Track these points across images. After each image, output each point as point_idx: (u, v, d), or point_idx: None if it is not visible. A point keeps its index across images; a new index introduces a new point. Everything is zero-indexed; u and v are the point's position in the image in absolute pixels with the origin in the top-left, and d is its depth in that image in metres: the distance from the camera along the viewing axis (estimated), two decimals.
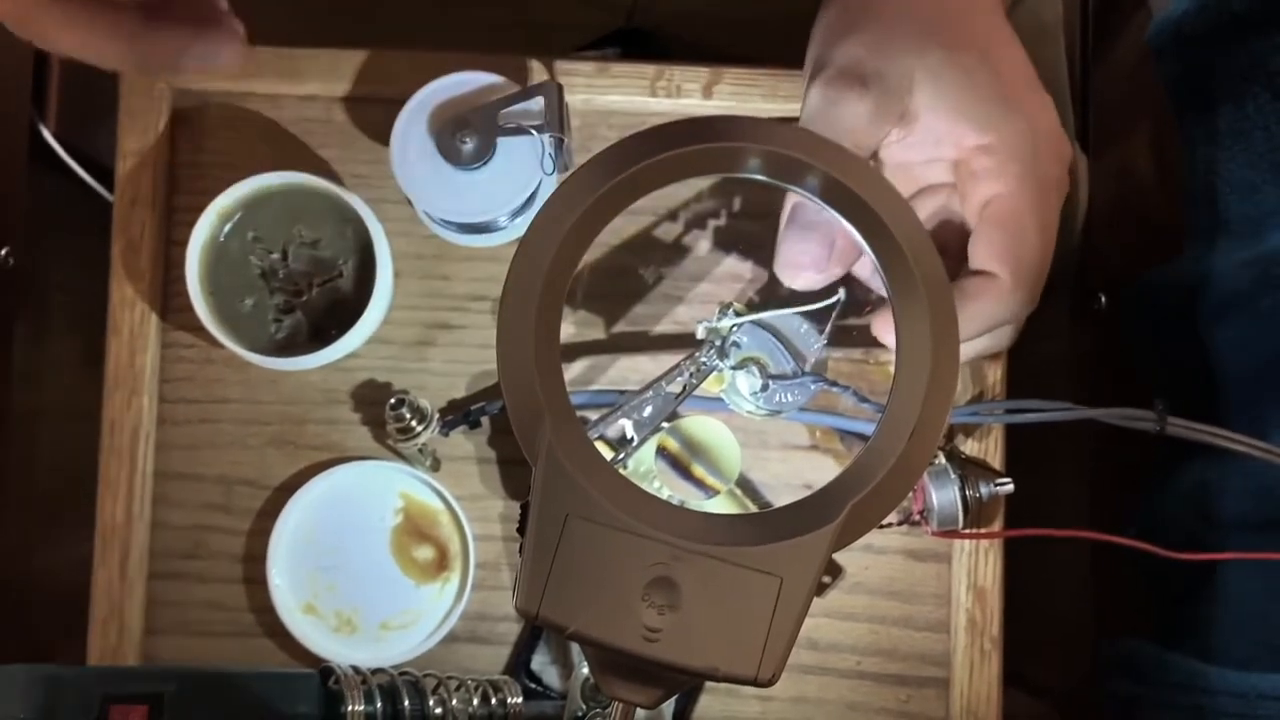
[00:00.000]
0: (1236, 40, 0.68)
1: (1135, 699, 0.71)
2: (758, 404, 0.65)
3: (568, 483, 0.49)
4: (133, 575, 0.69)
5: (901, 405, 0.51)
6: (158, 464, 0.69)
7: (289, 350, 0.67)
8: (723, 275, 0.70)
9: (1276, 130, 0.68)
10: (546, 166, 0.65)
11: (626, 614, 0.48)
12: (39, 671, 0.50)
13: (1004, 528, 0.69)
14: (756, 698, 0.69)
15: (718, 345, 0.64)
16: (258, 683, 0.53)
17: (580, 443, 0.50)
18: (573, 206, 0.52)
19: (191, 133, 0.70)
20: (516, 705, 0.65)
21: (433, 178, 0.65)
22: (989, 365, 0.70)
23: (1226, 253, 0.70)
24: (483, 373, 0.70)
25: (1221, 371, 0.72)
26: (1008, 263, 0.57)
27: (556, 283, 0.51)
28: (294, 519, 0.68)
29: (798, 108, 0.60)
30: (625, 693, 0.51)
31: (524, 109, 0.64)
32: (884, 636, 0.70)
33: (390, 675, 0.60)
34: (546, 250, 0.51)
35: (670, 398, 0.62)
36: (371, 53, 0.70)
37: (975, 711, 0.69)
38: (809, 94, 0.56)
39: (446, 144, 0.64)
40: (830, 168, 0.53)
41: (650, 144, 0.53)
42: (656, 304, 0.70)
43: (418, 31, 0.81)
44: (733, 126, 0.54)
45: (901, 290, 0.52)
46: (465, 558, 0.68)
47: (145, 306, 0.69)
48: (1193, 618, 0.71)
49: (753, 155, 0.54)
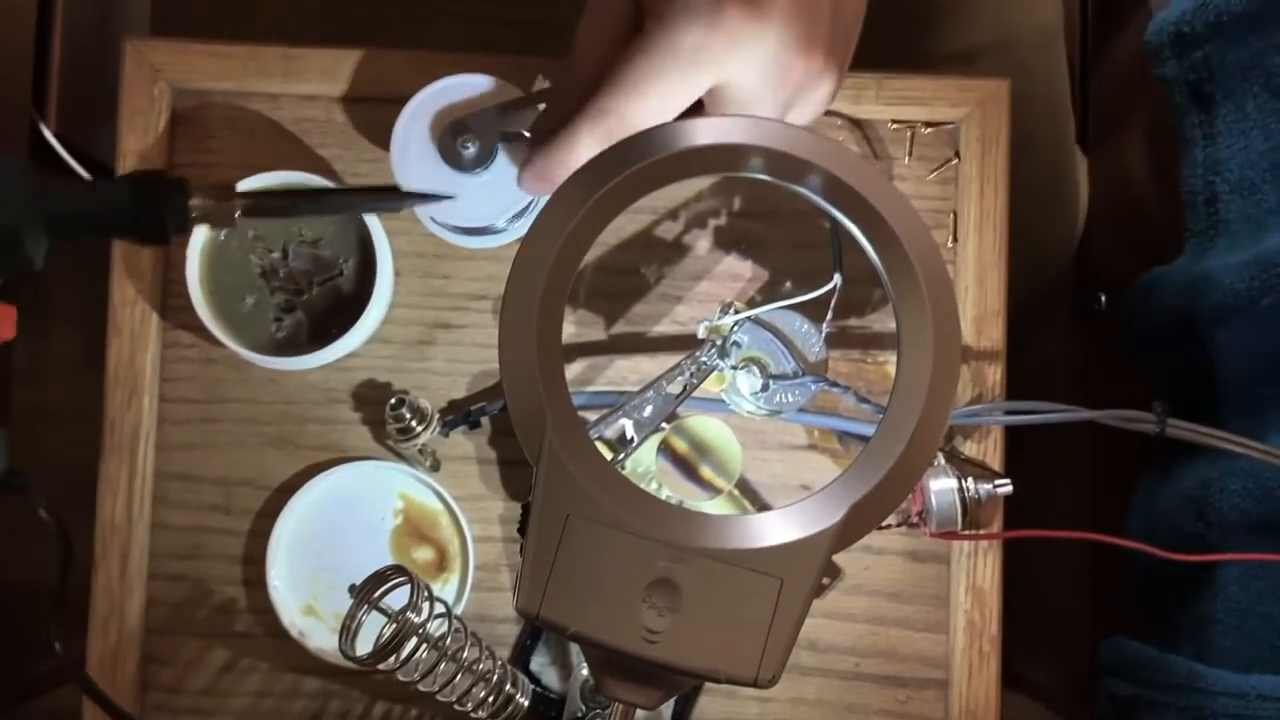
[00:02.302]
0: (1236, 40, 0.68)
1: (1134, 700, 0.71)
2: (758, 404, 0.65)
3: (569, 483, 0.49)
4: (133, 575, 0.69)
5: (902, 406, 0.51)
6: (158, 464, 0.69)
7: (289, 350, 0.67)
8: (723, 274, 0.70)
9: (1276, 130, 0.68)
10: None
11: (627, 615, 0.48)
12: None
13: (1003, 529, 0.69)
14: (755, 699, 0.69)
15: (718, 345, 0.64)
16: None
17: (582, 443, 0.50)
18: (575, 206, 0.52)
19: (191, 133, 0.70)
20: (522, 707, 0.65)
21: (434, 182, 0.65)
22: (989, 366, 0.70)
23: (1226, 253, 0.70)
24: (483, 373, 0.70)
25: (1221, 372, 0.72)
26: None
27: (558, 283, 0.51)
28: (293, 519, 0.68)
29: None
30: (625, 693, 0.51)
31: (524, 114, 0.64)
32: (883, 637, 0.70)
33: (449, 610, 0.62)
34: (549, 250, 0.51)
35: (670, 398, 0.62)
36: (371, 53, 0.70)
37: (974, 712, 0.69)
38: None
39: (448, 148, 0.64)
40: (831, 167, 0.53)
41: (651, 144, 0.53)
42: (656, 304, 0.70)
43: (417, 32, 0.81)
44: (733, 126, 0.54)
45: (902, 290, 0.52)
46: (465, 559, 0.68)
47: (145, 306, 0.69)
48: (1192, 618, 0.71)
49: (753, 154, 0.54)
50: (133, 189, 0.54)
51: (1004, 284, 0.70)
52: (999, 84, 0.71)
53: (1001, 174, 0.70)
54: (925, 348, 0.51)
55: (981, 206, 0.70)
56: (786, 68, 0.55)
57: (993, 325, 0.70)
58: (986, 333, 0.70)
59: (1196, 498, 0.70)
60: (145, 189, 0.55)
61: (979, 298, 0.70)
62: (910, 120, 0.71)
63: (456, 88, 0.66)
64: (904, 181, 0.71)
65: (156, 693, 0.69)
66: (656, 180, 0.53)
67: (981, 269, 0.70)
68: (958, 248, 0.70)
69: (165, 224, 0.55)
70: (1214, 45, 0.68)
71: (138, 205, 0.54)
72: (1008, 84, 0.71)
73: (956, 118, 0.71)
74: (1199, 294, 0.69)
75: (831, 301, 0.64)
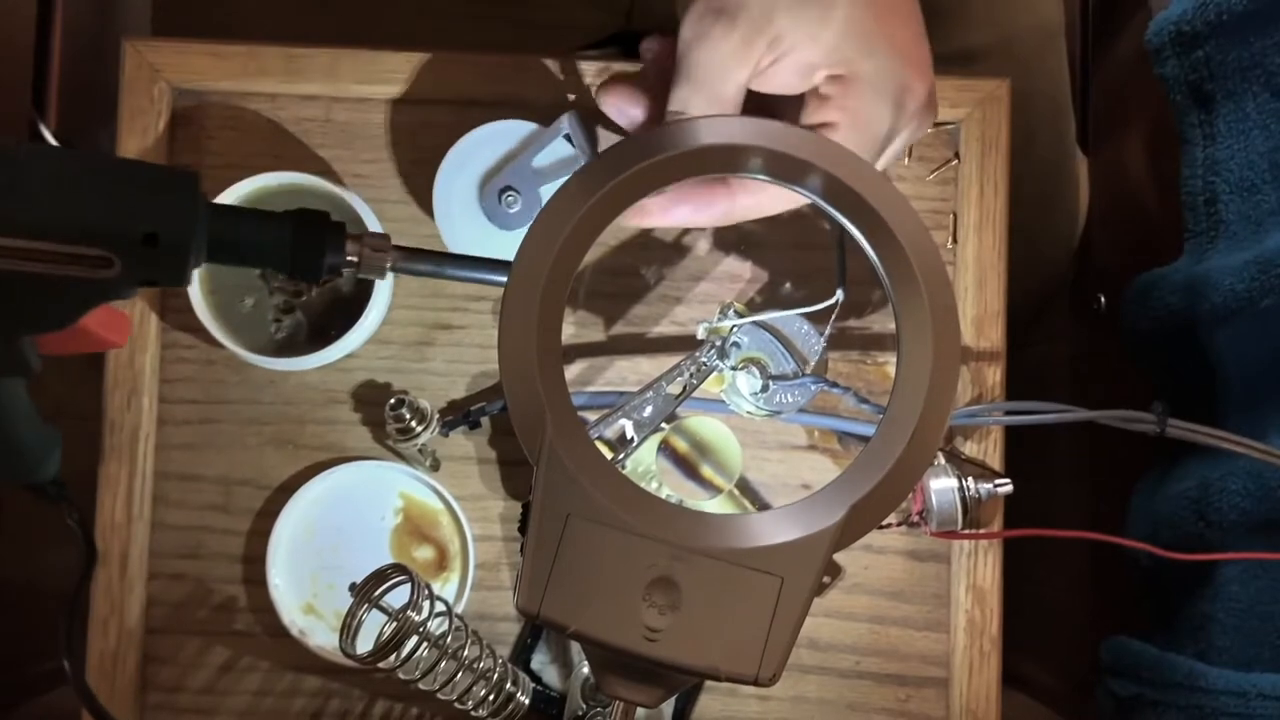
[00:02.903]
0: (1236, 39, 0.68)
1: (1135, 699, 0.71)
2: (758, 404, 0.65)
3: (569, 483, 0.49)
4: (133, 575, 0.69)
5: (902, 407, 0.51)
6: (157, 464, 0.69)
7: (289, 350, 0.67)
8: (722, 275, 0.70)
9: (1276, 130, 0.68)
10: None
11: (627, 613, 0.48)
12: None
13: (1003, 528, 0.69)
14: (756, 697, 0.69)
15: (718, 345, 0.64)
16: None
17: (582, 443, 0.50)
18: (574, 207, 0.52)
19: (191, 133, 0.70)
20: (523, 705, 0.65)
21: (483, 242, 0.67)
22: (989, 366, 0.70)
23: (1226, 253, 0.70)
24: (482, 373, 0.70)
25: (1221, 372, 0.72)
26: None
27: (558, 283, 0.51)
28: (294, 519, 0.68)
29: None
30: (626, 692, 0.51)
31: (554, 150, 0.66)
32: (883, 636, 0.70)
33: (449, 609, 0.62)
34: (548, 251, 0.51)
35: (670, 398, 0.62)
36: (371, 53, 0.70)
37: (974, 711, 0.69)
38: (680, 31, 0.57)
39: (493, 209, 0.66)
40: (831, 168, 0.53)
41: (651, 144, 0.53)
42: (656, 304, 0.70)
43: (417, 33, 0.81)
44: (734, 126, 0.54)
45: (902, 290, 0.52)
46: (465, 558, 0.68)
47: (145, 306, 0.69)
48: (1192, 617, 0.71)
49: (754, 155, 0.54)
50: (297, 227, 0.55)
51: (1003, 285, 0.70)
52: (999, 84, 0.71)
53: (1001, 175, 0.70)
54: (925, 348, 0.51)
55: (981, 207, 0.70)
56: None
57: (992, 326, 0.70)
58: (986, 333, 0.70)
59: (1196, 498, 0.70)
60: (309, 229, 0.55)
61: (979, 298, 0.70)
62: None
63: (482, 140, 0.67)
64: (904, 182, 0.71)
65: (157, 692, 0.69)
66: (657, 181, 0.53)
67: (981, 270, 0.70)
68: (957, 249, 0.70)
69: (320, 265, 0.55)
70: (1214, 44, 0.68)
71: (298, 242, 0.55)
72: (1008, 84, 0.71)
73: (956, 118, 0.71)
74: (1199, 294, 0.69)
75: (832, 316, 0.64)
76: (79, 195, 0.51)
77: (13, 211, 0.50)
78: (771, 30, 0.54)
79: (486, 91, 0.70)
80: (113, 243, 0.51)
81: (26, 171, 0.50)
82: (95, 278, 0.51)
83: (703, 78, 0.55)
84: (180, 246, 0.52)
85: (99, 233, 0.51)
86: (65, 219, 0.51)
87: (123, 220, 0.51)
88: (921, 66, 0.57)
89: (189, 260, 0.53)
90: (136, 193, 0.52)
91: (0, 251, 0.50)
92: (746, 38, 0.54)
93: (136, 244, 0.51)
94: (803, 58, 0.55)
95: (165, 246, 0.52)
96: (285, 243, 0.55)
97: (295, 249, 0.55)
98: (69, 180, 0.51)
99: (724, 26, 0.55)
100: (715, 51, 0.55)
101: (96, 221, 0.51)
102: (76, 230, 0.51)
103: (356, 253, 0.56)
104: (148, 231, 0.51)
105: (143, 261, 0.52)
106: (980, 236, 0.70)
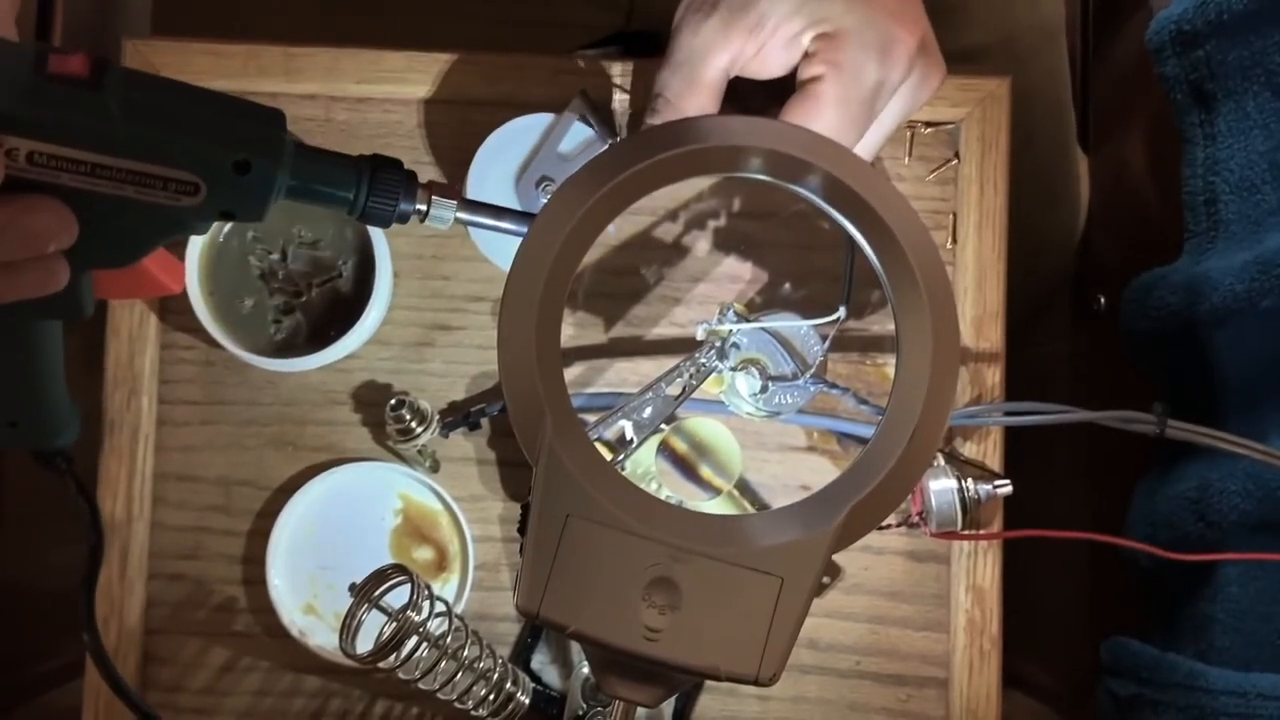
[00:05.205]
0: (1236, 39, 0.67)
1: (1135, 699, 0.71)
2: (757, 406, 0.65)
3: (568, 483, 0.49)
4: (133, 575, 0.69)
5: (902, 407, 0.51)
6: (157, 464, 0.69)
7: (288, 351, 0.67)
8: (722, 276, 0.70)
9: (1277, 130, 0.68)
10: None
11: (627, 613, 0.48)
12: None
13: (1003, 529, 0.69)
14: (756, 697, 0.69)
15: (717, 346, 0.64)
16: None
17: (581, 443, 0.50)
18: (574, 208, 0.52)
19: None
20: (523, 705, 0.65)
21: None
22: (988, 366, 0.70)
23: (1226, 253, 0.70)
24: (482, 374, 0.70)
25: (1221, 373, 0.72)
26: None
27: (558, 284, 0.51)
28: (293, 520, 0.68)
29: None
30: (626, 692, 0.51)
31: (574, 134, 0.66)
32: (883, 636, 0.70)
33: (449, 609, 0.62)
34: (548, 252, 0.51)
35: (670, 399, 0.62)
36: (371, 52, 0.70)
37: (975, 711, 0.69)
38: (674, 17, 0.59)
39: (533, 200, 0.66)
40: (831, 167, 0.53)
41: (651, 144, 0.53)
42: (656, 305, 0.70)
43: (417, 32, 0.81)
44: (734, 126, 0.54)
45: (901, 290, 0.52)
46: (464, 558, 0.68)
47: (145, 307, 0.69)
48: (1192, 618, 0.71)
49: (754, 155, 0.54)
50: (375, 170, 0.55)
51: (1003, 285, 0.70)
52: (999, 83, 0.71)
53: (1001, 174, 0.70)
54: (924, 349, 0.51)
55: (981, 207, 0.70)
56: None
57: (992, 326, 0.70)
58: (986, 333, 0.70)
59: (1196, 498, 0.70)
60: (387, 173, 0.55)
61: (978, 299, 0.70)
62: (910, 120, 0.71)
63: (502, 144, 0.67)
64: (904, 182, 0.71)
65: (157, 692, 0.69)
66: (656, 181, 0.53)
67: (981, 270, 0.70)
68: (957, 249, 0.70)
69: (393, 211, 0.55)
70: (1215, 44, 0.68)
71: (375, 186, 0.54)
72: (1008, 83, 0.71)
73: (956, 118, 0.71)
74: (1198, 295, 0.69)
75: (833, 332, 0.64)
76: (175, 118, 0.50)
77: (110, 130, 0.49)
78: (752, 14, 0.57)
79: (487, 91, 0.70)
80: (205, 167, 0.50)
81: (123, 93, 0.49)
82: (177, 204, 0.50)
83: (682, 60, 0.58)
84: (269, 177, 0.51)
85: (193, 156, 0.50)
86: (160, 141, 0.50)
87: (217, 146, 0.50)
88: (906, 19, 0.58)
89: (273, 192, 0.52)
90: (231, 121, 0.51)
91: (95, 171, 0.49)
92: (725, 20, 0.57)
93: (227, 171, 0.50)
94: (788, 31, 0.57)
95: (255, 175, 0.51)
96: (364, 185, 0.54)
97: (372, 192, 0.54)
98: (165, 103, 0.50)
99: (705, 11, 0.57)
100: (695, 35, 0.57)
101: (192, 145, 0.50)
102: (170, 153, 0.50)
103: (425, 199, 0.56)
104: (240, 159, 0.50)
105: (230, 189, 0.51)
106: (980, 236, 0.70)
